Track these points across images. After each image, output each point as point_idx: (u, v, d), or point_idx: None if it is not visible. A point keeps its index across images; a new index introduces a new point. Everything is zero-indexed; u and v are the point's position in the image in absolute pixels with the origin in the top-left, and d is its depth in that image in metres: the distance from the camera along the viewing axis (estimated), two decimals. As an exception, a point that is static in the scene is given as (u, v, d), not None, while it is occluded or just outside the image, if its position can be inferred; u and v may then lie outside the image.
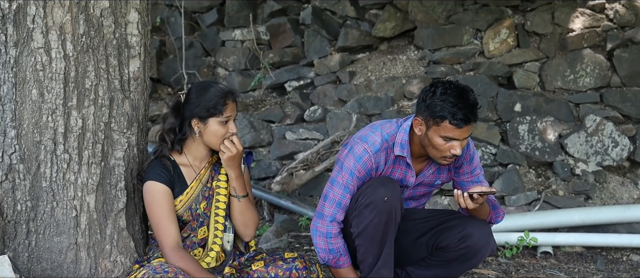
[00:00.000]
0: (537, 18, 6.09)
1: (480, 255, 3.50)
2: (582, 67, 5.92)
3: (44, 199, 3.24)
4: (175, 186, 3.29)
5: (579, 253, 5.11)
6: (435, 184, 3.61)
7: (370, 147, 3.44)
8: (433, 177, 3.58)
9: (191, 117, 3.27)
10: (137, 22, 3.37)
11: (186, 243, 3.32)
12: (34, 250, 3.25)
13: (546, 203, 5.49)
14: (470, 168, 3.55)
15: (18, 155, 3.21)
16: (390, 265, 3.46)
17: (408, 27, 6.50)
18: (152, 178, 3.26)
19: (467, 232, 3.45)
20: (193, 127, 3.28)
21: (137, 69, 3.40)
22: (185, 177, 3.33)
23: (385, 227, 3.38)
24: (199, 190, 3.34)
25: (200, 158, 3.36)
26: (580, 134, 5.69)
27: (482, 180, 3.56)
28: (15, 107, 3.20)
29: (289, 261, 3.31)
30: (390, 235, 3.42)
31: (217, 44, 7.23)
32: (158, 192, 3.24)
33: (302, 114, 6.44)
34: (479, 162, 3.61)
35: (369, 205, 3.36)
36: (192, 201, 3.32)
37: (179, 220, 3.30)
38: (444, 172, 3.57)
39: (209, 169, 3.37)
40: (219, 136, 3.28)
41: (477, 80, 5.92)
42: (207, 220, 3.34)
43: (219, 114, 3.25)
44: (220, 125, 3.27)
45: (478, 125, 5.74)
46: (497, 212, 3.59)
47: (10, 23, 3.18)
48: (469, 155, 3.52)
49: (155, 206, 3.24)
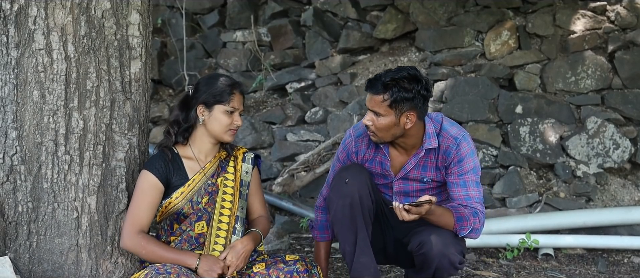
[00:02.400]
0: (539, 20, 6.09)
1: (435, 265, 3.36)
2: (583, 69, 5.91)
3: (45, 200, 3.24)
4: (173, 178, 3.28)
5: (580, 255, 5.11)
6: (424, 180, 3.53)
7: (355, 131, 3.60)
8: (418, 173, 3.51)
9: (197, 103, 3.27)
10: (138, 23, 3.37)
11: (183, 237, 3.30)
12: (35, 252, 3.25)
13: (547, 205, 5.49)
14: (457, 170, 3.43)
15: (19, 156, 3.21)
16: (367, 250, 3.45)
17: (409, 29, 6.50)
18: (147, 168, 3.28)
19: (423, 239, 3.37)
20: (198, 114, 3.28)
21: (138, 70, 3.40)
22: (187, 169, 3.32)
23: (351, 211, 3.39)
24: (202, 184, 3.32)
25: (205, 151, 3.36)
26: (581, 136, 5.68)
27: (469, 186, 3.41)
28: (16, 109, 3.20)
29: (290, 263, 3.30)
30: (359, 220, 3.41)
31: (218, 45, 7.23)
32: (147, 182, 3.25)
33: (303, 116, 6.44)
34: (475, 168, 3.45)
35: (333, 188, 3.46)
36: (194, 194, 3.30)
37: (179, 213, 3.29)
38: (430, 169, 3.50)
39: (215, 164, 3.37)
40: (224, 125, 3.28)
41: (479, 82, 5.92)
42: (207, 216, 3.33)
43: (225, 102, 3.25)
44: (226, 115, 3.27)
45: (479, 127, 5.74)
46: (463, 224, 3.36)
47: (12, 24, 3.17)
48: (458, 156, 3.43)
49: (138, 194, 3.25)
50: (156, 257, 3.17)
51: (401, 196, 3.57)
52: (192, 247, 3.30)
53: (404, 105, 3.32)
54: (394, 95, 3.30)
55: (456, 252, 3.38)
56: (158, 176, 3.25)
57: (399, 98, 3.30)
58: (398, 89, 3.30)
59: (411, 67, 3.39)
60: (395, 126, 3.37)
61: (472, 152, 3.45)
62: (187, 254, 3.21)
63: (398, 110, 3.33)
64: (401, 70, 3.35)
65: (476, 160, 3.47)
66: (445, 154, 3.45)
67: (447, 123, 3.51)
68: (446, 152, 3.44)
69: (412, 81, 3.32)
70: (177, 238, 3.31)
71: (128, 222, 3.23)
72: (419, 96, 3.33)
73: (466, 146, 3.43)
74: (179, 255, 3.19)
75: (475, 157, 3.47)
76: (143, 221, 3.23)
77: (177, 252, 3.21)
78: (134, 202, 3.25)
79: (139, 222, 3.22)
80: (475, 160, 3.46)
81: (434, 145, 3.44)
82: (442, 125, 3.48)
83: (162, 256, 3.18)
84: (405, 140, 3.45)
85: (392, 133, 3.39)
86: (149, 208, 3.24)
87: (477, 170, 3.46)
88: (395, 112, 3.33)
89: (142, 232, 3.22)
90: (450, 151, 3.43)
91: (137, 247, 3.20)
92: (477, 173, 3.45)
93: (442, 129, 3.47)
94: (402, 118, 3.35)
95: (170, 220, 3.32)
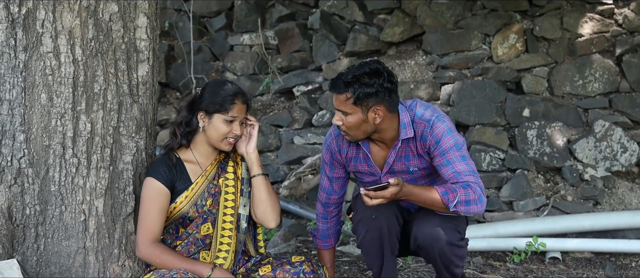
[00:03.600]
0: (546, 23, 6.08)
1: (436, 252, 3.35)
2: (591, 72, 5.90)
3: (53, 203, 3.24)
4: (177, 183, 3.29)
5: (587, 258, 5.10)
6: (411, 171, 3.48)
7: (335, 130, 3.59)
8: (402, 164, 3.48)
9: (199, 109, 3.28)
10: (146, 26, 3.37)
11: (190, 240, 3.31)
12: (43, 254, 3.26)
13: (555, 209, 5.47)
14: (438, 151, 3.35)
15: (27, 159, 3.22)
16: (392, 273, 3.53)
17: (416, 32, 6.49)
18: (152, 174, 3.27)
19: (414, 233, 3.40)
20: (199, 120, 3.29)
21: (145, 74, 3.40)
22: (190, 173, 3.33)
23: (379, 242, 3.46)
24: (205, 187, 3.33)
25: (206, 155, 3.36)
26: (589, 139, 5.67)
27: (454, 162, 3.30)
28: (24, 112, 3.21)
29: (296, 265, 3.31)
30: (387, 248, 3.47)
31: (225, 48, 7.24)
32: (153, 189, 3.25)
33: (310, 119, 6.45)
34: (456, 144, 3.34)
35: (360, 221, 3.49)
36: (198, 197, 3.31)
37: (184, 217, 3.30)
38: (412, 158, 3.46)
39: (215, 166, 3.38)
40: (221, 134, 3.28)
41: (486, 85, 5.91)
42: (212, 217, 3.34)
43: (224, 112, 3.26)
44: (224, 124, 3.27)
45: (486, 130, 5.73)
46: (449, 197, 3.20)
47: (20, 27, 3.18)
48: (434, 138, 3.36)
49: (147, 202, 3.25)
50: (170, 267, 3.18)
51: None
52: (198, 248, 3.32)
53: (368, 101, 3.30)
54: (356, 92, 3.28)
55: (450, 230, 3.35)
56: (163, 181, 3.25)
57: (361, 94, 3.28)
58: (359, 85, 3.28)
59: (373, 61, 3.37)
60: (364, 123, 3.35)
61: (449, 129, 3.37)
62: (201, 264, 3.23)
63: (364, 107, 3.31)
64: (362, 66, 3.34)
65: (456, 136, 3.38)
66: (422, 140, 3.41)
67: (420, 108, 3.45)
68: (422, 137, 3.40)
69: (373, 75, 3.30)
70: (183, 241, 3.31)
71: (141, 232, 3.23)
72: (383, 89, 3.30)
73: (440, 125, 3.37)
74: (193, 265, 3.21)
75: (454, 133, 3.38)
76: (155, 229, 3.24)
77: (191, 262, 3.23)
78: (143, 211, 3.25)
79: (151, 231, 3.23)
80: (456, 137, 3.37)
81: (410, 134, 3.40)
82: (415, 112, 3.43)
83: (177, 266, 3.19)
84: (381, 135, 3.43)
85: (363, 130, 3.38)
86: (159, 215, 3.24)
87: (460, 145, 3.36)
88: (361, 109, 3.31)
89: (156, 240, 3.24)
90: (426, 135, 3.39)
91: (152, 256, 3.21)
92: (460, 147, 3.35)
93: (415, 115, 3.42)
94: (370, 114, 3.33)
95: (175, 224, 3.32)
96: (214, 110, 3.27)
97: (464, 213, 3.27)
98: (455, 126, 5.48)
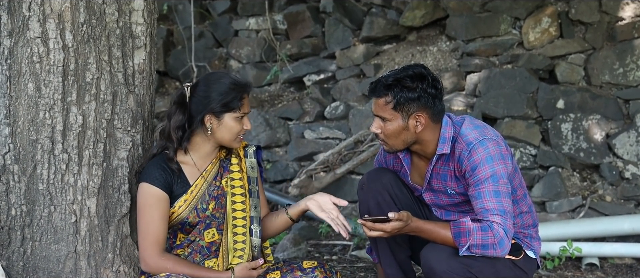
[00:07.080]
0: (583, 5, 6.06)
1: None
2: (633, 59, 5.88)
3: (41, 203, 3.25)
4: (175, 187, 3.29)
5: (628, 265, 5.08)
6: (449, 192, 3.47)
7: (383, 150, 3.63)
8: (439, 183, 3.47)
9: (204, 112, 3.26)
10: (142, 9, 3.38)
11: (193, 248, 3.31)
12: (30, 259, 3.26)
13: (592, 210, 5.47)
14: (472, 180, 3.32)
15: (12, 155, 3.23)
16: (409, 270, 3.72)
17: (439, 16, 6.49)
18: (146, 180, 3.26)
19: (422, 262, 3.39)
20: (206, 123, 3.27)
21: (142, 61, 3.40)
22: (187, 175, 3.32)
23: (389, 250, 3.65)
24: (205, 189, 3.33)
25: (204, 155, 3.36)
26: (630, 134, 5.65)
27: (485, 197, 3.27)
28: (9, 103, 3.21)
29: (307, 271, 3.31)
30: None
31: (229, 33, 7.25)
32: (151, 196, 3.24)
33: (322, 111, 6.45)
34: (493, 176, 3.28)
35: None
36: (198, 201, 3.31)
37: (184, 223, 3.30)
38: (449, 179, 3.44)
39: (216, 166, 3.37)
40: (234, 133, 3.28)
41: (516, 74, 5.89)
42: (216, 222, 3.33)
43: (236, 109, 3.26)
44: (236, 122, 3.27)
45: (516, 123, 5.72)
46: (460, 241, 3.25)
47: (4, 10, 3.19)
48: (471, 164, 3.31)
49: (147, 210, 3.24)
50: None
51: (440, 209, 3.59)
52: (204, 257, 3.31)
53: (410, 106, 3.29)
54: (397, 96, 3.28)
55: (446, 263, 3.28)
56: (160, 186, 3.24)
57: (402, 98, 3.28)
58: (400, 88, 3.28)
59: (417, 65, 3.37)
60: (404, 131, 3.33)
61: (490, 157, 3.30)
62: (219, 273, 3.25)
63: (405, 113, 3.30)
64: (405, 69, 3.34)
65: (497, 166, 3.30)
66: (458, 162, 3.37)
67: (467, 127, 3.40)
68: (459, 159, 3.36)
69: (416, 79, 3.29)
70: (185, 250, 3.31)
71: (146, 245, 3.22)
72: (426, 95, 3.29)
73: (481, 151, 3.30)
74: (211, 274, 3.24)
75: (496, 162, 3.30)
76: (160, 238, 3.24)
77: (208, 272, 3.25)
78: (144, 221, 3.24)
79: (157, 241, 3.23)
80: (496, 167, 3.30)
81: (446, 151, 3.37)
82: (460, 130, 3.39)
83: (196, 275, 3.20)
84: (422, 147, 3.41)
85: (402, 139, 3.36)
86: (161, 223, 3.24)
87: (498, 177, 3.29)
88: (402, 115, 3.30)
89: (163, 251, 3.24)
90: (463, 158, 3.34)
91: (162, 270, 3.20)
92: (497, 180, 3.29)
93: (460, 133, 3.39)
94: (411, 121, 3.31)
95: (174, 230, 3.32)
96: (223, 110, 3.26)
97: (481, 255, 3.28)
98: (482, 119, 5.49)
